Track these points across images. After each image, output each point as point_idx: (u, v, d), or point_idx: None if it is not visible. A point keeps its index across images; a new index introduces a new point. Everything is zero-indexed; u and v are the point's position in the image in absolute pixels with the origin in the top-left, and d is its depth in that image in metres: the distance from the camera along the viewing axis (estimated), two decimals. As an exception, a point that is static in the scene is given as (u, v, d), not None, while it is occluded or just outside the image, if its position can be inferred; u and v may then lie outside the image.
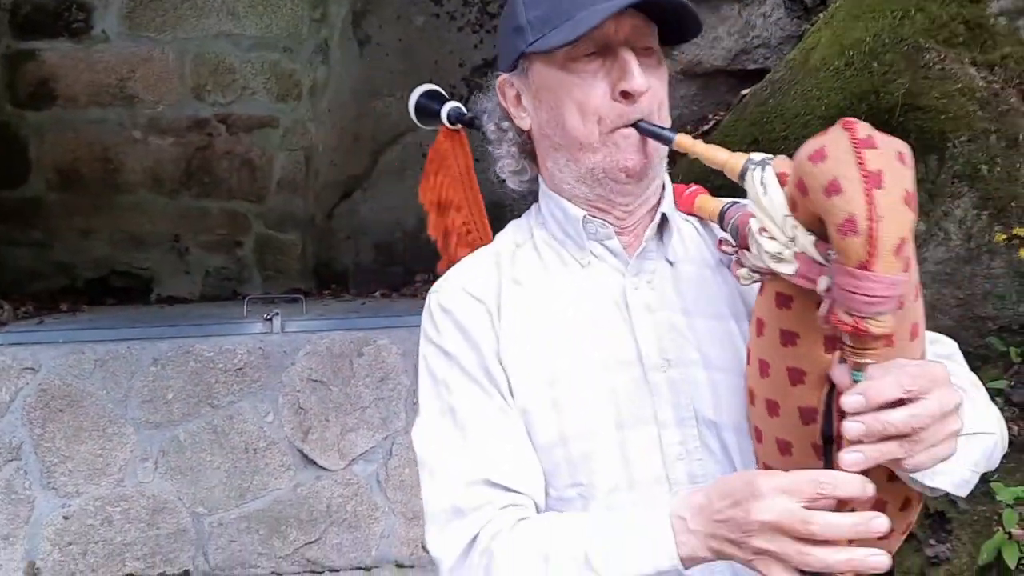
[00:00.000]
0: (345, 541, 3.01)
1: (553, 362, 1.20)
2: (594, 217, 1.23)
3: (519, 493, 1.17)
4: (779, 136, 3.02)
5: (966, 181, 2.66)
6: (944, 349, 1.19)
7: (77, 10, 4.28)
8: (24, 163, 4.31)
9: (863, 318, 0.93)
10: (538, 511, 1.18)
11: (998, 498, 2.36)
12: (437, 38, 4.42)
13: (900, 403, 0.94)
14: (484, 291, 1.26)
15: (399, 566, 3.03)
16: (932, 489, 1.03)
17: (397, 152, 4.49)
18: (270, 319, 3.14)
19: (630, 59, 1.14)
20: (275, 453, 3.01)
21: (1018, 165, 2.65)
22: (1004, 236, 2.55)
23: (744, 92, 3.38)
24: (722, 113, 3.48)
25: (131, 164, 4.37)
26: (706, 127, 3.56)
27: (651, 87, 1.16)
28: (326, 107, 4.45)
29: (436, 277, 4.15)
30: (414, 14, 4.40)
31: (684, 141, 1.13)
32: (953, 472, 1.02)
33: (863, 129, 0.94)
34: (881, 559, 0.92)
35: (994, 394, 2.44)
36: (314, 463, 3.03)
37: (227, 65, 4.36)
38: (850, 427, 0.92)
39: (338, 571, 3.02)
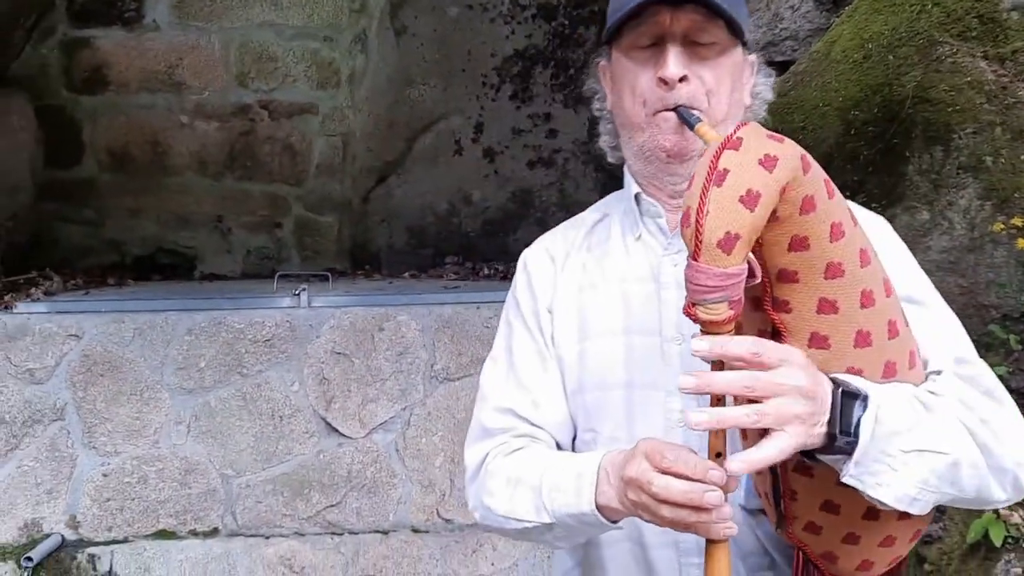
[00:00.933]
0: (364, 505, 3.14)
1: (588, 320, 1.35)
2: (648, 195, 1.34)
3: (537, 427, 1.34)
4: (798, 127, 3.08)
5: (971, 172, 2.69)
6: (968, 370, 1.17)
7: (130, 0, 4.46)
8: (78, 145, 4.48)
9: (693, 304, 1.00)
10: (559, 446, 1.35)
11: (989, 479, 2.39)
12: (470, 29, 4.52)
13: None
14: (558, 250, 1.43)
15: (415, 531, 3.15)
16: (880, 503, 1.05)
17: (430, 139, 4.61)
18: (298, 294, 3.28)
19: (670, 49, 1.24)
20: (300, 420, 3.15)
21: (1022, 157, 2.69)
22: (1002, 226, 2.59)
23: (769, 83, 3.43)
24: (748, 104, 3.50)
25: (178, 147, 4.53)
26: (732, 118, 3.62)
27: (698, 76, 1.25)
28: (364, 95, 4.57)
29: (465, 260, 4.29)
30: (448, 5, 4.51)
31: (701, 128, 1.20)
32: (895, 485, 1.04)
33: (744, 131, 1.02)
34: (714, 495, 1.02)
35: (993, 380, 2.50)
36: (336, 431, 3.15)
37: (270, 54, 4.49)
38: (682, 379, 1.00)
39: (357, 534, 3.14)
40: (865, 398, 1.03)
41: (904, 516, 1.11)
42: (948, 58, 2.85)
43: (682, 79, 1.24)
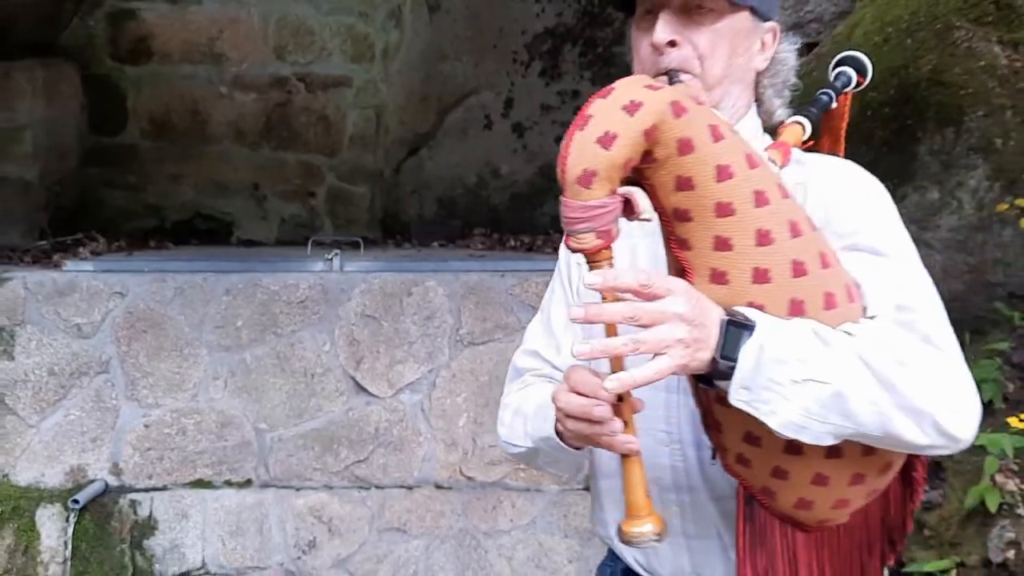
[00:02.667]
0: (390, 462, 3.28)
1: None
2: None
3: (558, 369, 1.46)
4: (818, 107, 3.17)
5: (980, 153, 2.77)
6: (908, 316, 1.19)
7: (174, -27, 4.60)
8: (122, 113, 4.64)
9: (568, 235, 1.11)
10: None
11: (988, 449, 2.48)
12: (502, 5, 4.62)
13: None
14: None
15: (438, 487, 3.29)
16: (773, 430, 1.10)
17: (461, 113, 4.73)
18: (330, 259, 3.44)
19: (660, 16, 1.30)
20: (330, 379, 3.29)
21: (1032, 139, 2.76)
22: (1006, 206, 2.67)
23: (793, 65, 3.49)
24: (771, 84, 3.56)
25: (217, 117, 4.67)
26: (755, 97, 3.69)
27: (690, 41, 1.30)
28: (397, 69, 4.69)
29: (492, 231, 4.39)
30: (481, -18, 4.62)
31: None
32: (780, 412, 1.09)
33: (620, 81, 1.13)
34: (600, 409, 1.14)
35: (996, 355, 2.59)
36: (365, 390, 3.29)
37: (307, 28, 4.61)
38: (572, 311, 1.12)
39: (383, 488, 3.28)
40: (753, 327, 1.09)
41: (833, 454, 1.16)
42: (964, 42, 2.92)
43: (672, 44, 1.29)
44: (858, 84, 1.74)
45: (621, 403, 1.16)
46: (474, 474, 3.29)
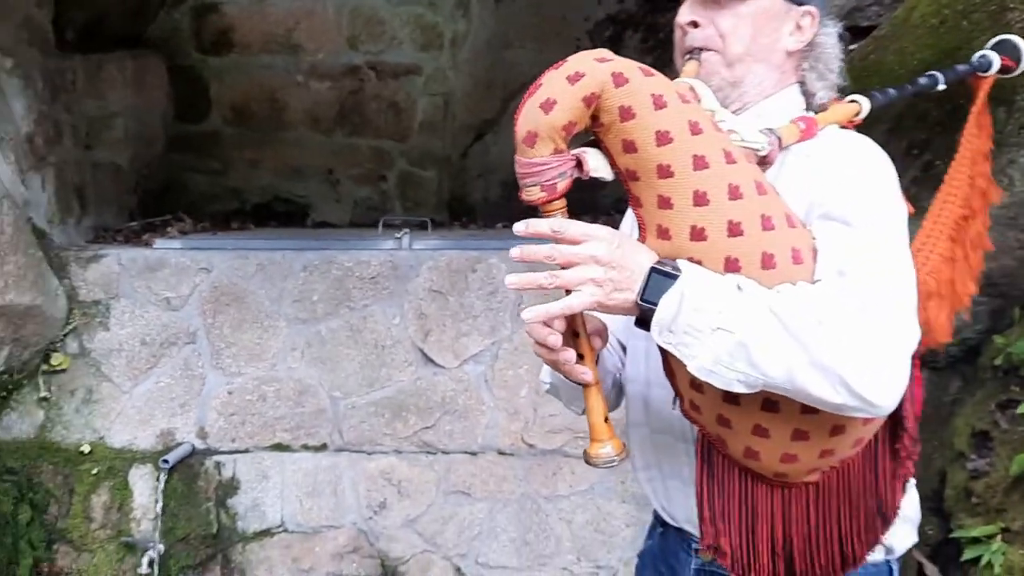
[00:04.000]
0: (456, 429, 3.42)
1: None
2: None
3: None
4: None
5: (1031, 131, 2.81)
6: (844, 282, 1.21)
7: (254, -30, 4.80)
8: (206, 101, 4.87)
9: (520, 188, 1.25)
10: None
11: (1035, 417, 2.53)
12: (565, -6, 4.75)
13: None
14: None
15: (500, 453, 3.43)
16: (691, 373, 1.19)
17: (525, 99, 4.85)
18: (400, 238, 3.60)
19: (686, 1, 1.45)
20: (400, 350, 3.44)
21: (1082, 117, 2.79)
22: (1053, 182, 2.71)
23: (851, 47, 3.55)
24: (831, 66, 3.60)
25: (294, 105, 4.87)
26: (816, 79, 3.72)
27: (712, 22, 1.42)
28: (464, 57, 4.82)
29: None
30: (545, -28, 4.73)
31: (685, 68, 1.41)
32: (698, 357, 1.17)
33: (573, 56, 1.24)
34: (553, 337, 1.25)
35: (1044, 328, 2.65)
36: (432, 361, 3.44)
37: (378, 18, 4.78)
38: (512, 252, 1.24)
39: (449, 453, 3.43)
40: (679, 276, 1.18)
41: (769, 408, 1.22)
42: (1017, 23, 2.95)
43: (694, 24, 1.42)
44: (1007, 69, 1.76)
45: (578, 338, 1.29)
46: (535, 441, 3.42)
